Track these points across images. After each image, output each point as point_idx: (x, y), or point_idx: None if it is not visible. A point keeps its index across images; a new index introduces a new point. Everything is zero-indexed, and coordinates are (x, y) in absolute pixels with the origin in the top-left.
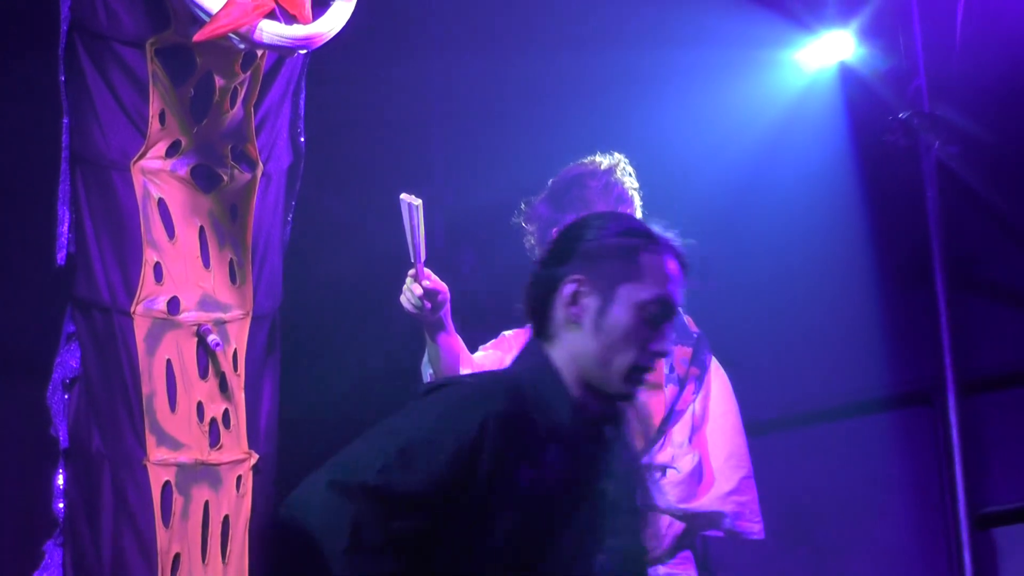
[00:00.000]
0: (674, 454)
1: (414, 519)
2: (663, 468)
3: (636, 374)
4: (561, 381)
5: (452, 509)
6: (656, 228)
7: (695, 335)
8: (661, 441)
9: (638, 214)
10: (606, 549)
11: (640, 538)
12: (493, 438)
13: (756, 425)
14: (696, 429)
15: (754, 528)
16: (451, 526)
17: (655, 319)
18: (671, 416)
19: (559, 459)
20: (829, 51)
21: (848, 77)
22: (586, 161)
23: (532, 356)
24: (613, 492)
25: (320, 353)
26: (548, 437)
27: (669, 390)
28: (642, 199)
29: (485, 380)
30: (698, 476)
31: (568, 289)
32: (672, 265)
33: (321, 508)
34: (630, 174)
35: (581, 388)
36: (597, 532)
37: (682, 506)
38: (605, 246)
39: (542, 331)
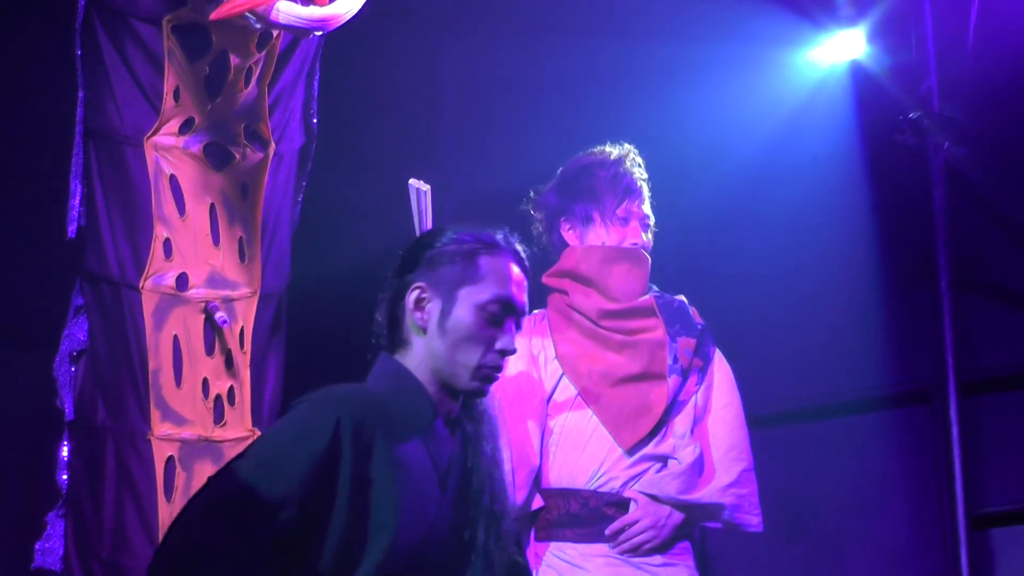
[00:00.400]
0: (675, 445)
1: (284, 521)
2: (664, 459)
3: (484, 371)
4: (417, 381)
5: (321, 509)
6: (499, 235)
7: (699, 326)
8: (663, 432)
9: (647, 205)
10: (472, 544)
11: (500, 534)
12: (348, 437)
13: (757, 419)
14: (698, 420)
15: (752, 521)
16: (323, 525)
17: (496, 318)
18: (673, 407)
19: (421, 455)
20: (841, 49)
21: (859, 76)
22: (596, 151)
23: (384, 364)
24: (474, 487)
25: (325, 333)
26: (408, 433)
27: (672, 380)
28: (651, 190)
29: (340, 387)
30: (699, 468)
31: (412, 296)
32: (512, 267)
33: (196, 519)
34: (639, 165)
35: (436, 387)
36: (462, 527)
37: (682, 497)
38: (445, 252)
39: (393, 342)
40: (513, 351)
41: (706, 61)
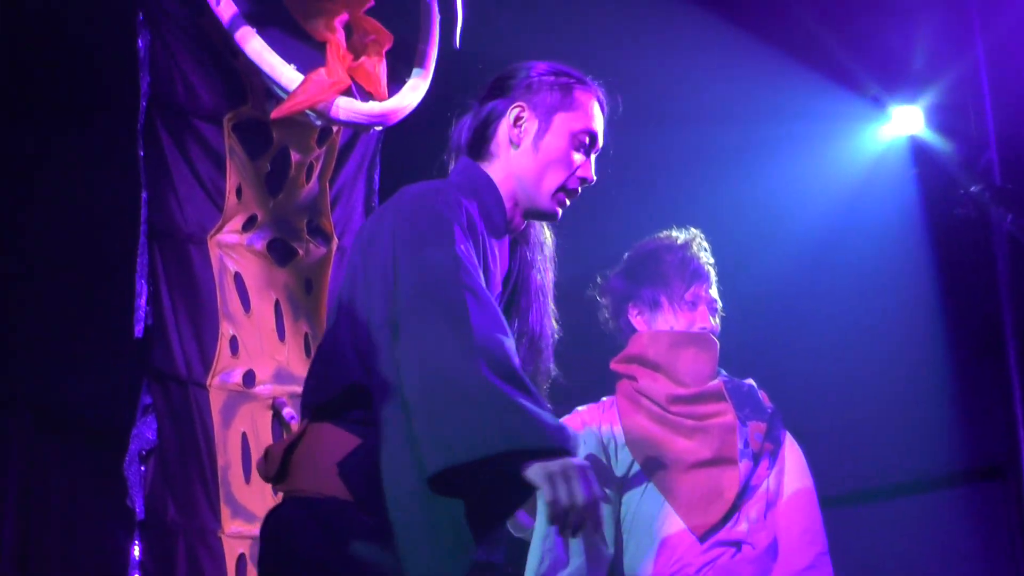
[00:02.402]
0: (749, 529)
1: None
2: (738, 544)
3: (563, 194)
4: (499, 192)
5: None
6: (584, 75)
7: (769, 410)
8: (735, 517)
9: (714, 289)
10: None
11: (540, 355)
12: (476, 223)
13: (829, 500)
14: (771, 505)
15: None
16: None
17: (584, 148)
18: (745, 491)
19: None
20: (900, 125)
21: (919, 151)
22: (662, 235)
23: (470, 169)
24: (522, 306)
25: None
26: (489, 235)
27: (743, 465)
28: (718, 273)
29: (441, 183)
30: (773, 553)
31: (513, 112)
32: (599, 104)
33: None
34: (705, 249)
35: (512, 203)
36: None
37: None
38: (544, 81)
39: (479, 153)
40: (592, 181)
41: (765, 142)
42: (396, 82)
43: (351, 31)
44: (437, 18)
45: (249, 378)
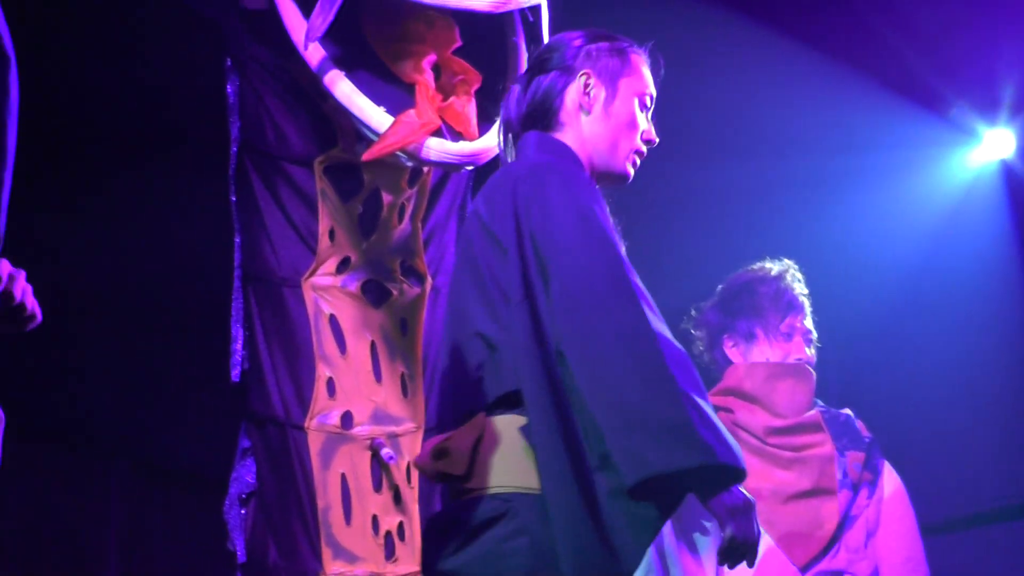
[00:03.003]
0: (850, 559)
1: None
2: (840, 574)
3: (636, 155)
4: (580, 160)
5: None
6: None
7: (867, 440)
8: (836, 547)
9: (808, 320)
10: None
11: None
12: (598, 197)
13: (929, 527)
14: (871, 534)
15: None
16: None
17: (646, 109)
18: (845, 521)
19: None
20: (991, 149)
21: (1011, 175)
22: (755, 267)
23: (549, 143)
24: None
25: None
26: None
27: (842, 495)
28: (811, 303)
29: (540, 159)
30: None
31: (581, 80)
32: (651, 67)
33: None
34: (799, 280)
35: (588, 169)
36: None
37: None
38: (602, 48)
39: (546, 125)
40: (656, 142)
41: (855, 169)
42: (486, 121)
43: (439, 72)
44: (524, 56)
45: (347, 419)
